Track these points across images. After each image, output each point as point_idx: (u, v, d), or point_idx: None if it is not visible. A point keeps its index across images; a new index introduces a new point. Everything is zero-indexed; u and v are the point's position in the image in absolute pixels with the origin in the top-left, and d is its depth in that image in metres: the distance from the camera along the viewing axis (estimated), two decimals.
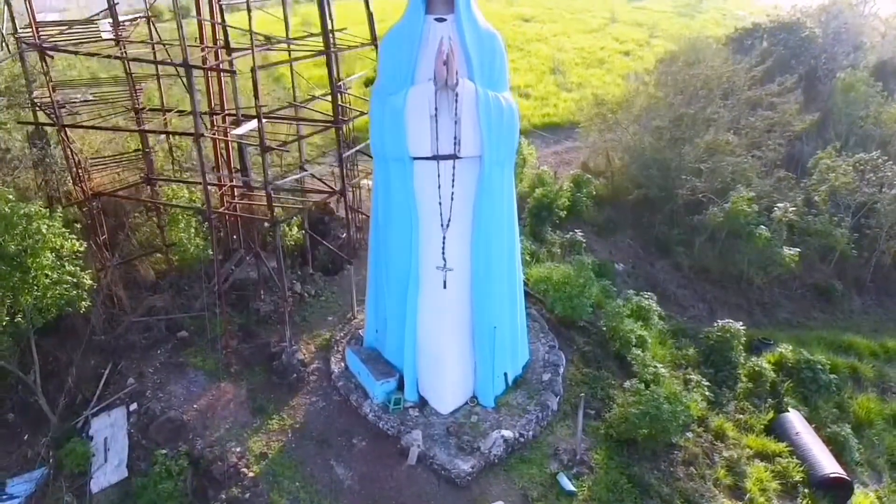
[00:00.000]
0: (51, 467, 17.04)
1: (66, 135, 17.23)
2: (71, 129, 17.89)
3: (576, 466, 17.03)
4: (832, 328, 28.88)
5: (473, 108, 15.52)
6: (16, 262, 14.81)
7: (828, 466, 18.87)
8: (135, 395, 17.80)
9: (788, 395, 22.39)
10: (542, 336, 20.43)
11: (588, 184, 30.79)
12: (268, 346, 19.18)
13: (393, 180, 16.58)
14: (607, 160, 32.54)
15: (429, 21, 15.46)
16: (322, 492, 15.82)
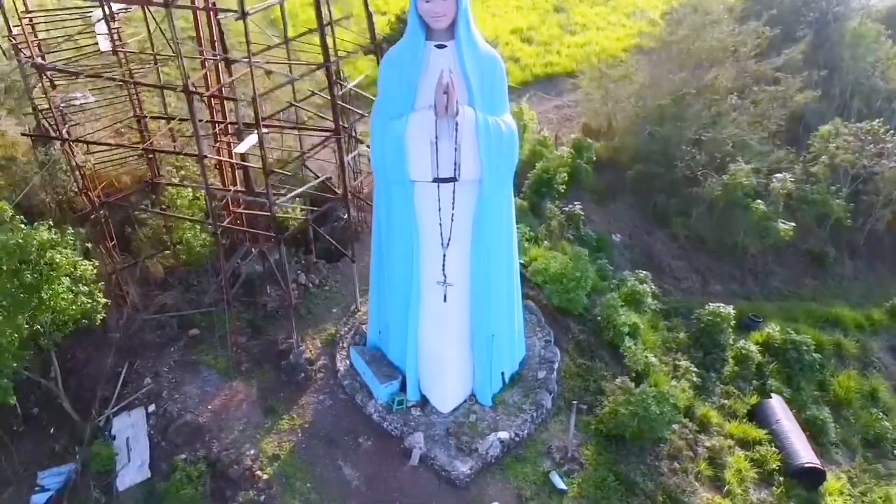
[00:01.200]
0: (78, 463, 18.27)
1: (70, 150, 17.40)
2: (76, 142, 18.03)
3: (567, 464, 18.24)
4: (822, 296, 29.74)
5: (473, 136, 15.67)
6: (33, 288, 15.40)
7: (803, 456, 20.14)
8: (152, 395, 18.83)
9: (773, 378, 23.48)
10: (538, 330, 21.25)
11: (589, 149, 30.86)
12: (276, 344, 20.05)
13: (394, 200, 16.93)
14: (609, 123, 32.40)
15: (429, 47, 15.34)
16: (331, 493, 17.09)
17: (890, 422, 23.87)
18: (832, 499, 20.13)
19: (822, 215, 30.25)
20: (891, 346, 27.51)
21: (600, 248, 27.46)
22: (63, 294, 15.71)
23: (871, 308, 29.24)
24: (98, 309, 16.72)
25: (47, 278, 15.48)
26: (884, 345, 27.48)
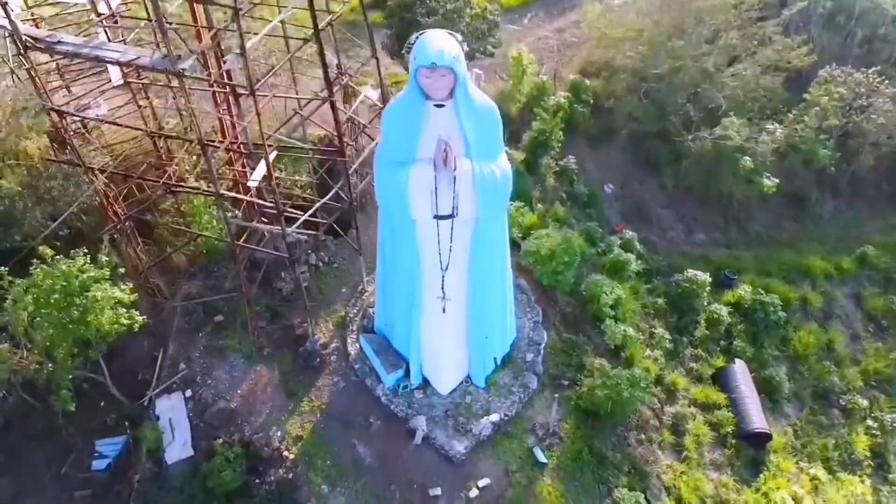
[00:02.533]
0: (129, 436, 21.34)
1: (94, 176, 18.61)
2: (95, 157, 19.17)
3: (548, 438, 21.26)
4: (800, 240, 31.64)
5: (470, 185, 16.98)
6: (79, 320, 17.50)
7: (755, 421, 23.18)
8: (187, 381, 21.48)
9: (739, 338, 26.10)
10: (528, 311, 23.51)
11: (587, 89, 31.38)
12: (292, 329, 22.40)
13: (397, 231, 18.54)
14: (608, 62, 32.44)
15: (429, 106, 16.23)
16: (348, 470, 20.20)
17: (840, 373, 26.80)
18: (776, 455, 23.44)
19: (809, 160, 31.33)
20: (855, 294, 29.86)
21: (591, 204, 29.04)
22: (105, 320, 17.78)
23: (844, 251, 31.26)
24: (138, 321, 18.83)
25: (91, 309, 17.49)
26: (848, 293, 29.82)
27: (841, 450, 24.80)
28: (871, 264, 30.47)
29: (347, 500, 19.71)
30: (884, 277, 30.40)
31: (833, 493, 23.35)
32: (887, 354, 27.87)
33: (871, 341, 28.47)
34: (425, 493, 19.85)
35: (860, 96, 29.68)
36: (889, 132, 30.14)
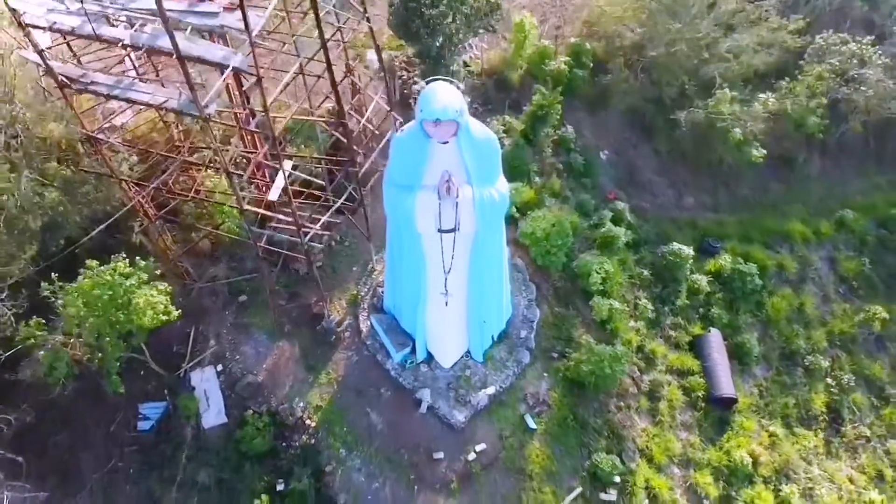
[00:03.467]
0: (169, 402, 24.22)
1: (127, 186, 20.30)
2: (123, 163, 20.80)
3: (538, 406, 24.14)
4: (785, 202, 33.30)
5: (471, 208, 18.79)
6: (125, 319, 19.85)
7: (723, 387, 25.89)
8: (218, 356, 24.11)
9: (717, 306, 28.46)
10: (523, 290, 25.77)
11: (587, 52, 32.12)
12: (309, 307, 24.76)
13: (404, 240, 20.52)
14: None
15: (433, 142, 17.76)
16: (363, 435, 23.19)
17: (807, 334, 29.35)
18: (741, 415, 26.37)
19: (799, 125, 32.48)
20: (830, 257, 31.96)
21: (587, 173, 30.59)
22: (147, 319, 20.12)
23: (825, 213, 33.08)
24: (174, 314, 21.17)
25: (135, 312, 19.79)
26: (824, 256, 31.91)
27: (800, 407, 27.74)
28: (849, 228, 32.35)
29: (362, 462, 22.80)
30: (859, 240, 32.41)
31: (788, 447, 26.47)
32: (853, 316, 30.31)
33: (839, 303, 30.86)
34: (430, 456, 22.90)
35: (853, 67, 30.44)
36: (879, 101, 31.08)
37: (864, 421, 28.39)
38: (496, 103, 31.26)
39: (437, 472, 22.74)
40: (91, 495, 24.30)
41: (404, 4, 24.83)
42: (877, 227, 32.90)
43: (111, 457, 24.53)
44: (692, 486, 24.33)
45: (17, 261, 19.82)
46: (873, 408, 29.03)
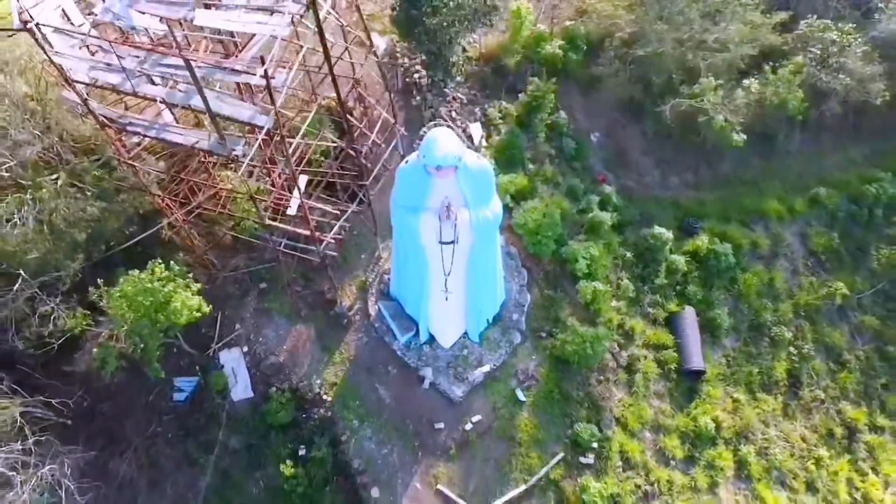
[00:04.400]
0: (201, 377, 27.35)
1: (168, 203, 22.63)
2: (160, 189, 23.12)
3: (527, 381, 27.29)
4: (764, 178, 35.43)
5: (468, 228, 21.27)
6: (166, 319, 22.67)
7: (694, 360, 28.99)
8: (243, 338, 27.06)
9: (693, 284, 31.18)
10: (516, 275, 28.43)
11: (581, 36, 33.57)
12: (323, 293, 27.50)
13: (409, 249, 23.03)
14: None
15: (434, 176, 20.02)
16: (373, 408, 26.43)
17: (775, 307, 32.20)
18: (708, 384, 29.58)
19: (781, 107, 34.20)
20: (802, 233, 34.43)
21: (578, 156, 32.68)
22: (184, 319, 22.94)
23: (801, 188, 35.32)
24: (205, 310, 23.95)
25: (173, 312, 22.57)
26: (796, 231, 34.37)
27: (763, 374, 30.92)
28: (822, 204, 34.67)
29: (373, 431, 26.14)
30: (830, 216, 34.80)
31: (749, 411, 29.82)
32: (819, 288, 33.10)
33: (807, 276, 33.59)
34: (432, 426, 26.22)
35: (833, 55, 31.98)
36: (858, 85, 32.74)
37: (820, 385, 31.65)
38: (493, 88, 32.96)
39: (438, 439, 26.11)
40: (135, 455, 27.75)
41: (406, 13, 26.29)
42: (848, 203, 35.15)
43: (151, 423, 27.88)
44: (661, 448, 27.79)
45: (68, 268, 22.36)
46: (830, 372, 32.24)
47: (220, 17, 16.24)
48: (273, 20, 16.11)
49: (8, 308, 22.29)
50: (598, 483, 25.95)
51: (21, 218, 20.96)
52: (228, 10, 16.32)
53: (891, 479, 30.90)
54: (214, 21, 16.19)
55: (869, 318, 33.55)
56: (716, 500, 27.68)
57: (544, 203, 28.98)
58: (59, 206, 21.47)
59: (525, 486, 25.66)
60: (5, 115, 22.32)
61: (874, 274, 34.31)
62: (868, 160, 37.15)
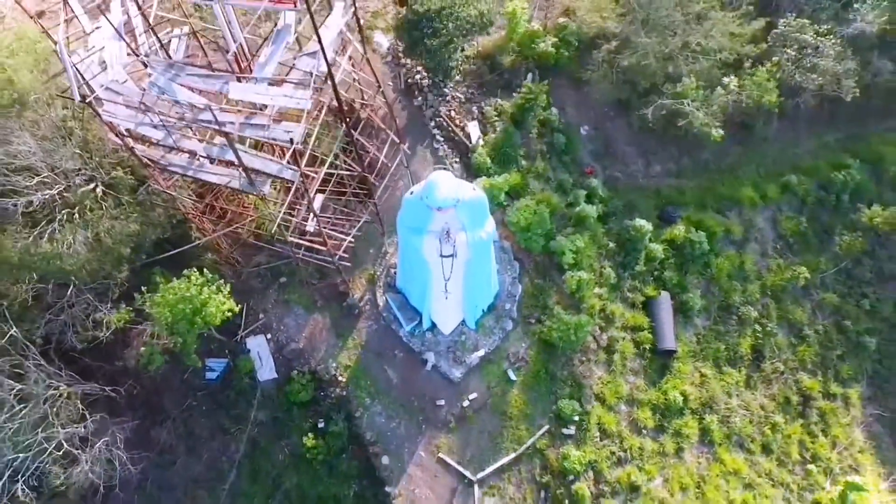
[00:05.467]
0: (230, 360, 31.01)
1: (201, 221, 25.59)
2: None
3: (518, 363, 30.95)
4: (742, 163, 38.12)
5: (465, 247, 24.39)
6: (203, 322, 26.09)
7: (667, 341, 32.58)
8: (266, 326, 30.54)
9: (670, 269, 34.43)
10: (509, 268, 31.66)
11: (573, 32, 35.64)
12: (336, 286, 30.81)
13: (413, 259, 26.19)
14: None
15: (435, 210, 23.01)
16: (382, 388, 30.17)
17: (744, 288, 35.55)
18: (679, 361, 33.27)
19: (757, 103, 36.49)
20: (773, 217, 37.43)
21: (568, 151, 35.34)
22: (218, 320, 26.35)
23: (776, 174, 38.09)
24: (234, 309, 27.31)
25: (208, 315, 25.96)
26: (767, 217, 37.37)
27: (729, 350, 34.58)
28: (793, 191, 37.53)
29: (383, 407, 29.99)
30: (800, 202, 37.73)
31: (714, 384, 33.65)
32: (785, 270, 36.36)
33: (775, 259, 36.81)
34: (434, 402, 30.04)
35: (807, 56, 34.17)
36: (830, 82, 35.07)
37: (781, 357, 35.37)
38: (490, 85, 35.29)
39: (440, 414, 29.98)
40: (174, 425, 31.75)
41: (409, 34, 28.48)
42: (818, 189, 38.03)
43: (187, 398, 31.72)
44: (634, 419, 31.72)
45: (116, 278, 25.62)
46: (791, 346, 35.92)
47: (251, 90, 18.86)
48: (297, 94, 18.73)
49: (65, 313, 25.60)
50: (577, 451, 29.94)
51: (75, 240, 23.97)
52: (258, 84, 18.92)
53: (839, 439, 35.08)
54: (246, 94, 18.78)
55: (830, 296, 36.95)
56: (681, 463, 31.82)
57: (535, 201, 31.87)
58: (106, 225, 24.42)
59: (515, 454, 29.69)
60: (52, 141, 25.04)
61: (837, 255, 37.48)
62: (840, 144, 39.74)
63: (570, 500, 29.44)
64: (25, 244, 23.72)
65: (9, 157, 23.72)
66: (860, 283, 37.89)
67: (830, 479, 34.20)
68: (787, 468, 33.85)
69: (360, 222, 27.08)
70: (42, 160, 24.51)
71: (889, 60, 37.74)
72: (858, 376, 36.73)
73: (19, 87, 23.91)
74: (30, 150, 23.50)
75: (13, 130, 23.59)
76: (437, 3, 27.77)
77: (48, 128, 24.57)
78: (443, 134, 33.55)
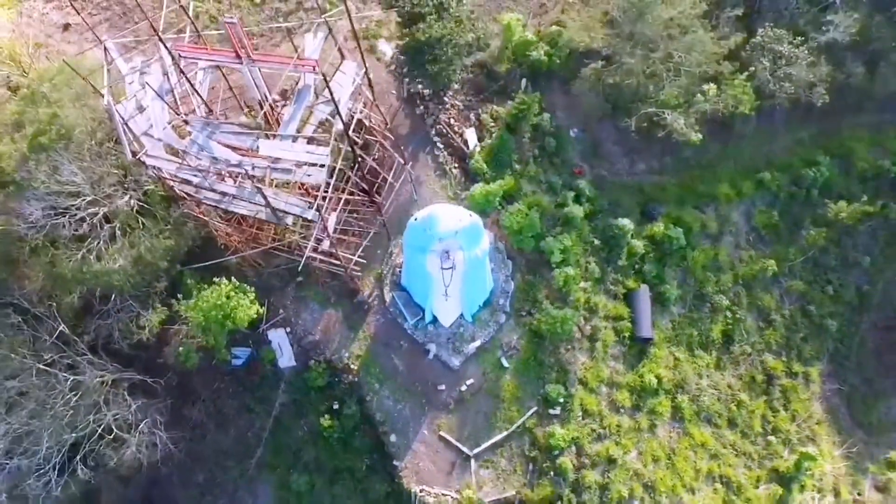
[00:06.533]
0: (253, 348, 34.81)
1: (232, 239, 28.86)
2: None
3: (510, 351, 34.73)
4: (720, 160, 41.04)
5: (463, 263, 27.82)
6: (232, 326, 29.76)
7: (644, 330, 36.30)
8: (286, 320, 34.20)
9: (649, 263, 37.85)
10: (503, 267, 35.10)
11: (564, 45, 38.14)
12: (347, 285, 34.33)
13: (417, 272, 29.66)
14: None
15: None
16: (389, 374, 34.03)
17: (717, 278, 39.05)
18: (655, 347, 37.05)
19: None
20: (747, 211, 40.63)
21: (558, 153, 38.31)
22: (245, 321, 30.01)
23: (752, 170, 41.08)
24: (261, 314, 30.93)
25: (237, 319, 29.60)
26: (742, 211, 40.57)
27: (702, 335, 38.35)
28: (766, 186, 40.61)
29: (390, 392, 33.93)
30: (773, 196, 40.85)
31: (687, 366, 37.55)
32: (756, 261, 39.81)
33: (748, 250, 40.20)
34: (435, 387, 33.96)
35: (780, 66, 36.78)
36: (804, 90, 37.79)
37: (749, 341, 39.16)
38: (487, 92, 38.00)
39: (441, 398, 33.95)
40: (204, 405, 35.86)
41: (412, 59, 31.14)
42: (790, 184, 41.07)
43: (215, 381, 35.72)
44: (613, 400, 35.72)
45: (155, 287, 29.17)
46: (759, 329, 39.69)
47: (278, 147, 21.93)
48: (319, 150, 21.83)
49: (112, 318, 29.25)
50: (562, 429, 33.99)
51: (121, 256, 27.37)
52: (284, 141, 21.99)
53: (798, 413, 39.21)
54: (274, 151, 21.88)
55: (797, 283, 40.52)
56: (654, 438, 35.98)
57: (527, 204, 35.10)
58: (147, 245, 27.80)
59: (507, 432, 33.78)
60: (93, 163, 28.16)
61: (805, 245, 40.81)
62: (814, 140, 42.53)
63: (555, 472, 33.65)
64: (78, 263, 27.07)
65: (59, 185, 26.84)
66: (826, 270, 41.40)
67: (788, 448, 38.47)
68: (749, 440, 38.06)
69: (369, 234, 30.21)
70: (87, 183, 27.65)
71: (861, 63, 40.27)
72: (820, 355, 40.68)
73: (66, 122, 26.82)
74: (78, 179, 26.59)
75: (63, 162, 26.62)
76: (438, 32, 30.33)
77: (91, 156, 27.58)
78: (443, 141, 36.46)
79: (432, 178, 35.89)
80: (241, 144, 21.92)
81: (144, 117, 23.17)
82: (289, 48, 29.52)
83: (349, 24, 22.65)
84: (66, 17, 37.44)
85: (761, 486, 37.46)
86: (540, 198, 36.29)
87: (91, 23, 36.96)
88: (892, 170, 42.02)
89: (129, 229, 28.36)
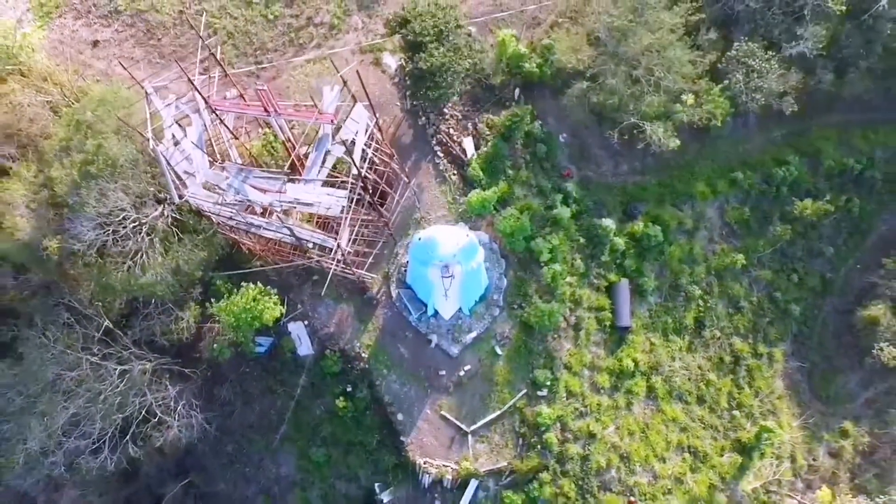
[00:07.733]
0: (275, 337, 39.20)
1: (259, 250, 32.78)
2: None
3: (503, 340, 39.12)
4: (698, 160, 44.58)
5: (460, 274, 31.91)
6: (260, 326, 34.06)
7: (624, 320, 40.57)
8: (303, 314, 38.48)
9: (630, 258, 41.87)
10: (496, 265, 39.14)
11: (553, 48, 41.33)
12: (356, 282, 38.48)
13: (421, 278, 33.75)
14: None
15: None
16: (396, 362, 38.51)
17: (691, 270, 43.08)
18: (633, 334, 41.40)
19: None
20: (721, 208, 44.39)
21: (548, 157, 41.90)
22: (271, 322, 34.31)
23: (727, 168, 44.67)
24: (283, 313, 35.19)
25: (263, 319, 33.89)
26: (717, 207, 44.35)
27: (676, 322, 42.66)
28: (739, 184, 44.28)
29: (397, 377, 38.47)
30: (745, 194, 44.56)
31: (662, 350, 41.98)
32: (728, 254, 43.79)
33: (720, 244, 44.15)
34: (437, 372, 38.48)
35: (753, 79, 40.07)
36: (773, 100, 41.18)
37: (719, 326, 43.51)
38: (483, 102, 41.36)
39: (441, 382, 38.50)
40: (231, 386, 40.52)
41: (415, 84, 34.53)
42: (761, 182, 44.70)
43: (241, 365, 40.26)
44: (595, 382, 40.26)
45: (191, 292, 33.35)
46: (728, 315, 43.98)
47: (302, 190, 25.74)
48: (337, 193, 25.65)
49: (153, 318, 33.52)
50: (548, 409, 38.63)
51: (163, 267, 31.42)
52: (307, 184, 25.78)
53: (761, 389, 43.86)
54: (299, 194, 25.69)
55: (765, 272, 44.64)
56: (630, 415, 40.69)
57: (519, 209, 38.93)
58: (184, 257, 31.83)
59: (499, 411, 38.46)
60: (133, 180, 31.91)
61: (773, 238, 44.74)
62: (785, 139, 45.94)
63: (542, 445, 38.43)
64: (125, 275, 31.14)
65: (107, 209, 30.71)
66: (792, 260, 45.45)
67: (751, 421, 43.24)
68: (716, 414, 42.80)
69: (378, 244, 34.19)
70: (130, 205, 31.51)
71: (831, 70, 43.43)
72: (784, 337, 45.10)
73: (111, 154, 30.48)
74: (124, 204, 30.45)
75: (110, 189, 30.41)
76: (439, 60, 33.65)
77: (134, 181, 31.36)
78: (443, 149, 40.05)
79: (433, 184, 39.62)
80: (270, 188, 25.72)
81: (182, 154, 26.93)
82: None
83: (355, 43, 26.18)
84: (94, 33, 40.51)
85: (725, 455, 42.35)
86: (531, 201, 40.09)
87: (118, 39, 40.39)
88: (856, 167, 45.61)
89: (168, 244, 32.29)
